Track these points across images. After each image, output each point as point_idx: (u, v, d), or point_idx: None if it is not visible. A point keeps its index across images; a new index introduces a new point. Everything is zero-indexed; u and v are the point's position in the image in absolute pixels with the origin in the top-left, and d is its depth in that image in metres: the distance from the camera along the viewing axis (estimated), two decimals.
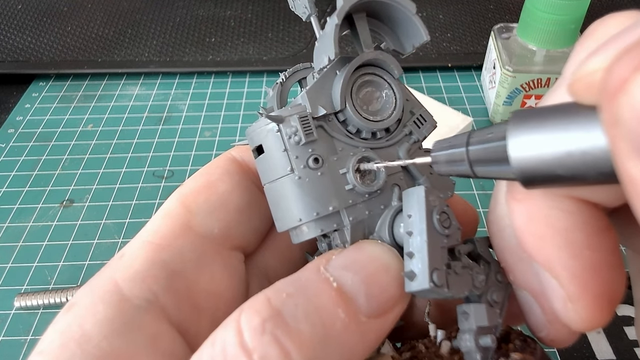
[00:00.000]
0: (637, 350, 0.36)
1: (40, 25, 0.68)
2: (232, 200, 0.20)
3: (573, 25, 0.47)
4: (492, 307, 0.18)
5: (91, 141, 0.55)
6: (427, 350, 0.20)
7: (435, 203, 0.17)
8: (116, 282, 0.17)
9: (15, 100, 0.60)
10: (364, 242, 0.18)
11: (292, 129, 0.17)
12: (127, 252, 0.18)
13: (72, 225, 0.46)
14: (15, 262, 0.43)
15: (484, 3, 0.69)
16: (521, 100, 0.52)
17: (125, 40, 0.66)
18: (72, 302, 0.17)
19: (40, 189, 0.50)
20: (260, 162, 0.18)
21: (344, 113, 0.18)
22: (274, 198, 0.18)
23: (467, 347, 0.17)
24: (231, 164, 0.20)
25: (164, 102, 0.59)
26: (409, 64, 0.61)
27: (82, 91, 0.61)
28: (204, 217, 0.19)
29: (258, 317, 0.15)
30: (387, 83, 0.19)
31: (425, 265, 0.16)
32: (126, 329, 0.16)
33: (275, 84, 0.21)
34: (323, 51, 0.17)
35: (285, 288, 0.16)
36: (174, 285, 0.18)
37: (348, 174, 0.18)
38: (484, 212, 0.45)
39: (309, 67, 0.22)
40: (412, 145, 0.20)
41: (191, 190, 0.20)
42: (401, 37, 0.19)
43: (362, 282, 0.16)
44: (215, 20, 0.69)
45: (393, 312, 0.16)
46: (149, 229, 0.19)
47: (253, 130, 0.18)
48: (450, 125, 0.49)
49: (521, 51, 0.50)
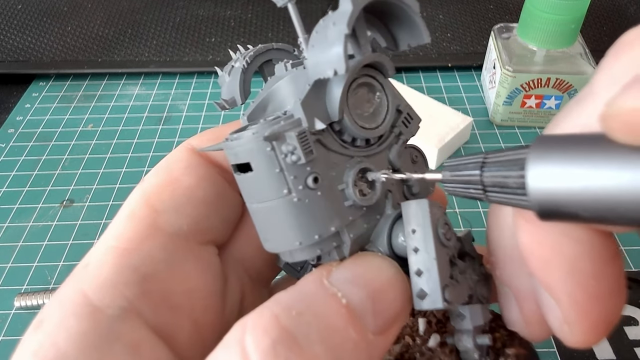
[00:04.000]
0: (637, 350, 0.36)
1: (40, 25, 0.68)
2: (198, 194, 0.19)
3: (573, 25, 0.47)
4: (482, 303, 0.18)
5: (91, 141, 0.55)
6: (415, 343, 0.20)
7: (438, 215, 0.16)
8: (85, 293, 0.16)
9: (15, 100, 0.60)
10: (363, 254, 0.17)
11: (289, 147, 0.15)
12: (93, 260, 0.17)
13: (72, 225, 0.46)
14: (15, 262, 0.43)
15: (484, 3, 0.69)
16: (521, 100, 0.52)
17: (125, 40, 0.66)
18: (40, 319, 0.16)
19: (40, 189, 0.50)
20: (246, 181, 0.16)
21: (340, 122, 0.16)
22: (264, 219, 0.17)
23: (466, 347, 0.18)
24: (193, 156, 0.19)
25: (164, 102, 0.59)
26: (409, 63, 0.61)
27: (82, 91, 0.61)
28: (171, 215, 0.18)
29: (267, 339, 0.13)
30: (380, 84, 0.18)
31: (437, 285, 0.15)
32: (103, 341, 0.15)
33: (231, 66, 0.20)
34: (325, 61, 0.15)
35: (294, 305, 0.14)
36: (147, 289, 0.17)
37: (348, 189, 0.16)
38: (485, 212, 0.45)
39: (271, 49, 0.20)
40: (401, 147, 0.18)
41: (154, 188, 0.18)
42: (397, 34, 0.18)
43: (368, 298, 0.15)
44: (215, 20, 0.69)
45: (396, 326, 0.16)
46: (113, 233, 0.18)
47: (237, 146, 0.16)
48: (450, 125, 0.49)
49: (521, 51, 0.50)
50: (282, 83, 0.17)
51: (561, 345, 0.36)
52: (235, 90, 0.19)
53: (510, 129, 0.54)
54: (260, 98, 0.18)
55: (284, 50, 0.20)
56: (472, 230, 0.19)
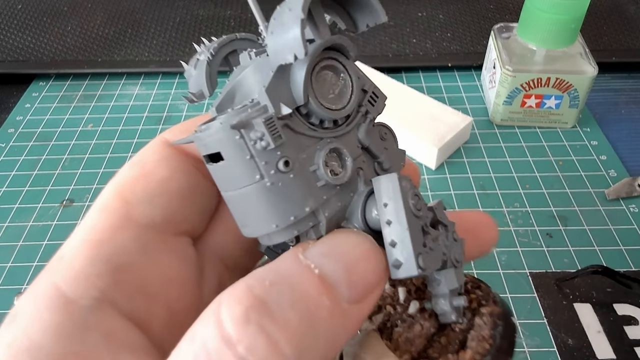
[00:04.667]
0: (637, 350, 0.36)
1: (40, 25, 0.68)
2: (172, 186, 0.19)
3: (573, 25, 0.47)
4: (456, 267, 0.18)
5: (91, 141, 0.55)
6: (396, 311, 0.21)
7: (407, 188, 0.17)
8: (57, 285, 0.16)
9: (15, 100, 0.60)
10: (338, 231, 0.17)
11: (257, 134, 0.15)
12: (66, 253, 0.17)
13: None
14: (15, 262, 0.43)
15: (484, 3, 0.69)
16: (521, 100, 0.52)
17: (125, 40, 0.66)
18: (14, 312, 0.16)
19: (40, 188, 0.50)
20: (218, 170, 0.17)
21: (306, 106, 0.17)
22: (240, 206, 0.17)
23: (443, 310, 0.18)
24: (166, 149, 0.19)
25: (164, 102, 0.59)
26: (409, 63, 0.61)
27: (82, 91, 0.61)
28: (144, 207, 0.18)
29: (240, 307, 0.14)
30: (343, 66, 0.18)
31: (411, 254, 0.16)
32: (78, 330, 0.15)
33: (196, 59, 0.20)
34: (285, 47, 0.15)
35: (267, 276, 0.15)
36: (121, 279, 0.17)
37: (319, 170, 0.17)
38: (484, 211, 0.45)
39: (234, 39, 0.20)
40: (369, 125, 0.19)
41: (127, 181, 0.19)
42: (354, 15, 0.18)
43: (343, 269, 0.16)
44: (215, 20, 0.69)
45: (372, 296, 0.16)
46: (86, 226, 0.18)
47: (207, 136, 0.16)
48: (450, 125, 0.49)
49: (521, 51, 0.50)
50: (248, 72, 0.18)
51: (561, 345, 0.36)
52: (202, 83, 0.19)
53: (510, 129, 0.54)
54: (228, 88, 0.18)
55: (247, 39, 0.21)
56: None
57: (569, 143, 0.52)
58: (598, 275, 0.39)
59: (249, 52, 0.18)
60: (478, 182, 0.48)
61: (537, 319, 0.38)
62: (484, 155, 0.51)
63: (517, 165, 0.50)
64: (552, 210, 0.46)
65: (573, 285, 0.40)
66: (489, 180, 0.48)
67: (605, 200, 0.46)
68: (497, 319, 0.19)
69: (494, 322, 0.19)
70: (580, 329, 0.37)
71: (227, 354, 0.13)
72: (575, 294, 0.39)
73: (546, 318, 0.38)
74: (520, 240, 0.43)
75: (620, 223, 0.44)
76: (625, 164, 0.50)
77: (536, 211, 0.46)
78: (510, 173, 0.49)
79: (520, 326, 0.38)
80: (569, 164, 0.50)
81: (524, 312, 0.38)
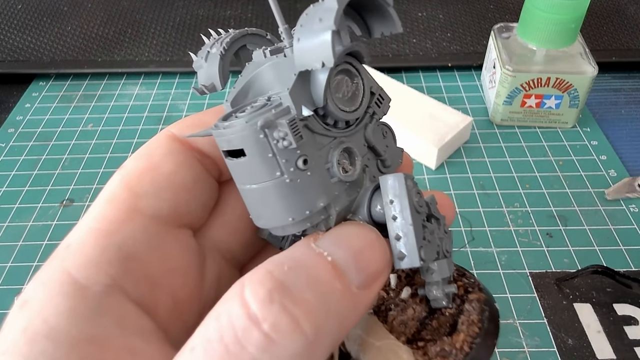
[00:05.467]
0: (637, 350, 0.36)
1: (40, 25, 0.68)
2: (178, 179, 0.19)
3: (573, 24, 0.47)
4: (447, 257, 0.20)
5: (91, 141, 0.55)
6: (389, 296, 0.23)
7: (411, 186, 0.18)
8: (69, 272, 0.17)
9: (15, 100, 0.60)
10: (347, 223, 0.19)
11: (280, 133, 0.16)
12: (74, 241, 0.18)
13: (72, 225, 0.45)
14: (15, 261, 0.43)
15: (484, 3, 0.69)
16: (521, 100, 0.52)
17: (125, 40, 0.66)
18: (24, 298, 0.17)
19: (40, 188, 0.50)
20: (239, 166, 0.17)
21: (324, 108, 0.18)
22: (257, 199, 0.18)
23: (435, 296, 0.20)
24: (173, 143, 0.20)
25: (164, 102, 0.59)
26: (409, 63, 0.61)
27: (82, 91, 0.61)
28: (151, 199, 0.19)
29: (263, 289, 0.15)
30: (357, 70, 0.19)
31: (414, 246, 0.18)
32: (92, 314, 0.16)
33: (206, 51, 0.20)
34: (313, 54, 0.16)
35: (285, 262, 0.16)
36: (129, 267, 0.18)
37: (332, 168, 0.18)
38: (484, 211, 0.46)
39: (246, 34, 0.21)
40: (375, 125, 0.20)
41: (134, 172, 0.19)
42: (371, 23, 0.19)
43: (352, 257, 0.17)
44: (215, 20, 0.69)
45: (378, 283, 0.18)
46: (93, 215, 0.19)
47: (231, 133, 0.17)
48: (450, 125, 0.49)
49: (521, 51, 0.50)
50: (264, 69, 0.19)
51: (561, 345, 0.36)
52: (215, 76, 0.20)
53: (510, 129, 0.54)
54: (242, 84, 0.19)
55: (258, 35, 0.21)
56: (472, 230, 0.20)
57: (569, 143, 0.52)
58: (598, 275, 0.39)
59: (263, 50, 0.19)
60: (478, 182, 0.48)
61: (537, 319, 0.38)
62: (484, 155, 0.51)
63: (517, 165, 0.50)
64: (552, 210, 0.46)
65: (573, 285, 0.40)
66: (489, 180, 0.48)
67: (605, 200, 0.46)
68: (484, 304, 0.21)
69: (481, 308, 0.21)
70: (580, 329, 0.37)
71: (253, 331, 0.14)
72: (575, 294, 0.39)
73: (546, 318, 0.38)
74: (520, 240, 0.43)
75: (620, 223, 0.44)
76: (625, 164, 0.50)
77: (536, 211, 0.46)
78: (510, 173, 0.49)
79: (520, 326, 0.38)
80: (569, 164, 0.50)
81: (524, 312, 0.38)
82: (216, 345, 0.15)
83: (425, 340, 0.21)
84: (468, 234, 0.44)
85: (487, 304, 0.21)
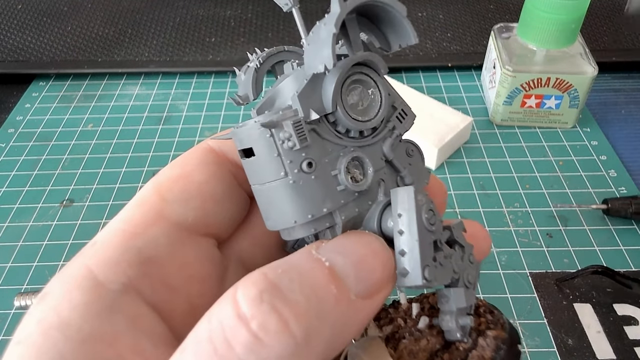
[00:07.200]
0: (637, 350, 0.36)
1: (40, 25, 0.68)
2: (207, 190, 0.20)
3: (573, 25, 0.47)
4: (468, 288, 0.19)
5: (91, 141, 0.55)
6: (406, 325, 0.22)
7: (423, 202, 0.18)
8: (89, 268, 0.17)
9: (15, 100, 0.60)
10: (352, 232, 0.18)
11: (285, 134, 0.17)
12: (100, 240, 0.18)
13: (72, 225, 0.46)
14: (15, 261, 0.43)
15: (484, 3, 0.69)
16: (521, 100, 0.52)
17: (125, 40, 0.66)
18: (45, 291, 0.17)
19: (40, 188, 0.50)
20: (250, 164, 0.18)
21: (334, 114, 0.18)
22: (265, 199, 0.18)
23: (449, 327, 0.19)
24: (208, 155, 0.21)
25: (164, 102, 0.59)
26: (409, 63, 0.61)
27: (82, 91, 0.61)
28: (179, 206, 0.19)
29: (255, 288, 0.15)
30: (374, 81, 0.19)
31: (418, 264, 0.17)
32: (105, 312, 0.16)
33: (247, 66, 0.21)
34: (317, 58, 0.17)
35: (280, 265, 0.16)
36: (148, 270, 0.18)
37: (340, 175, 0.18)
38: (484, 211, 0.46)
39: (282, 50, 0.21)
40: (395, 140, 0.20)
41: (167, 179, 0.20)
42: (388, 35, 0.19)
43: (352, 264, 0.16)
44: (215, 20, 0.69)
45: (380, 295, 0.17)
46: (122, 217, 0.19)
47: (242, 132, 0.18)
48: (450, 125, 0.49)
49: (521, 51, 0.50)
50: (288, 80, 0.19)
51: (561, 345, 0.36)
52: (248, 88, 0.21)
53: (510, 129, 0.54)
54: (269, 94, 0.20)
55: (294, 52, 0.22)
56: None
57: (569, 143, 0.52)
58: (598, 275, 0.39)
59: (292, 62, 0.20)
60: (478, 182, 0.48)
61: (537, 319, 0.38)
62: (484, 155, 0.51)
63: (517, 165, 0.50)
64: (552, 210, 0.46)
65: (573, 285, 0.40)
66: (489, 180, 0.48)
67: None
68: (502, 342, 0.20)
69: (496, 345, 0.20)
70: (580, 329, 0.37)
71: (241, 329, 0.14)
72: (575, 294, 0.39)
73: (546, 318, 0.38)
74: (520, 240, 0.43)
75: (620, 223, 0.44)
76: (625, 164, 0.50)
77: (536, 211, 0.46)
78: (510, 173, 0.49)
79: (520, 326, 0.38)
80: (569, 164, 0.50)
81: (524, 313, 0.38)
82: (205, 346, 0.15)
83: None
84: None
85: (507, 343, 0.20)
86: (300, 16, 0.19)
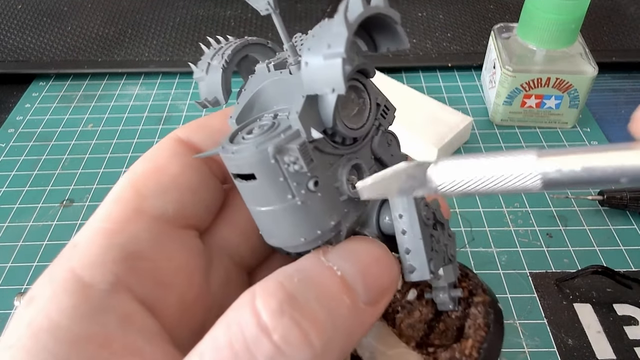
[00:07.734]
0: (637, 350, 0.36)
1: (40, 25, 0.68)
2: (183, 181, 0.20)
3: (573, 25, 0.47)
4: (452, 262, 0.20)
5: (91, 141, 0.55)
6: (396, 298, 0.23)
7: (419, 200, 0.18)
8: (74, 270, 0.17)
9: (15, 100, 0.60)
10: (355, 238, 0.19)
11: (291, 158, 0.16)
12: (81, 240, 0.18)
13: (72, 225, 0.46)
14: (15, 262, 0.43)
15: (484, 3, 0.69)
16: (521, 100, 0.52)
17: (125, 40, 0.66)
18: (31, 295, 0.17)
19: (40, 188, 0.50)
20: (249, 189, 0.17)
21: (333, 127, 0.17)
22: (269, 221, 0.18)
23: (442, 300, 0.20)
24: (179, 146, 0.20)
25: (164, 102, 0.59)
26: (409, 63, 0.61)
27: (82, 91, 0.61)
28: (156, 200, 0.19)
29: (275, 300, 0.15)
30: (363, 85, 0.19)
31: (424, 260, 0.18)
32: (95, 312, 0.16)
33: (207, 63, 0.20)
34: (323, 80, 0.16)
35: (295, 274, 0.16)
36: (134, 266, 0.18)
37: (342, 186, 0.18)
38: (484, 211, 0.46)
39: (247, 44, 0.20)
40: (381, 137, 0.20)
41: (141, 174, 0.20)
42: (377, 38, 0.19)
43: (359, 273, 0.17)
44: (215, 20, 0.69)
45: (385, 300, 0.18)
46: (101, 215, 0.19)
47: (240, 159, 0.17)
48: (450, 125, 0.49)
49: (521, 51, 0.50)
50: (268, 85, 0.18)
51: (561, 346, 0.36)
52: (217, 90, 0.20)
53: (510, 129, 0.54)
54: (246, 99, 0.19)
55: (259, 44, 0.21)
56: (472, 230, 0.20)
57: (569, 143, 0.52)
58: (598, 275, 0.39)
59: (267, 63, 0.19)
60: None
61: (537, 319, 0.38)
62: None
63: None
64: (552, 210, 0.46)
65: (573, 285, 0.40)
66: None
67: None
68: (489, 307, 0.22)
69: (486, 311, 0.22)
70: (580, 329, 0.37)
71: (264, 341, 0.15)
72: (575, 294, 0.39)
73: (546, 318, 0.38)
74: (520, 240, 0.43)
75: (620, 223, 0.44)
76: None
77: (536, 211, 0.46)
78: None
79: (520, 326, 0.38)
80: None
81: (524, 312, 0.38)
82: (226, 352, 0.15)
83: (435, 345, 0.21)
84: (468, 234, 0.44)
85: (492, 306, 0.22)
86: (280, 21, 0.18)
